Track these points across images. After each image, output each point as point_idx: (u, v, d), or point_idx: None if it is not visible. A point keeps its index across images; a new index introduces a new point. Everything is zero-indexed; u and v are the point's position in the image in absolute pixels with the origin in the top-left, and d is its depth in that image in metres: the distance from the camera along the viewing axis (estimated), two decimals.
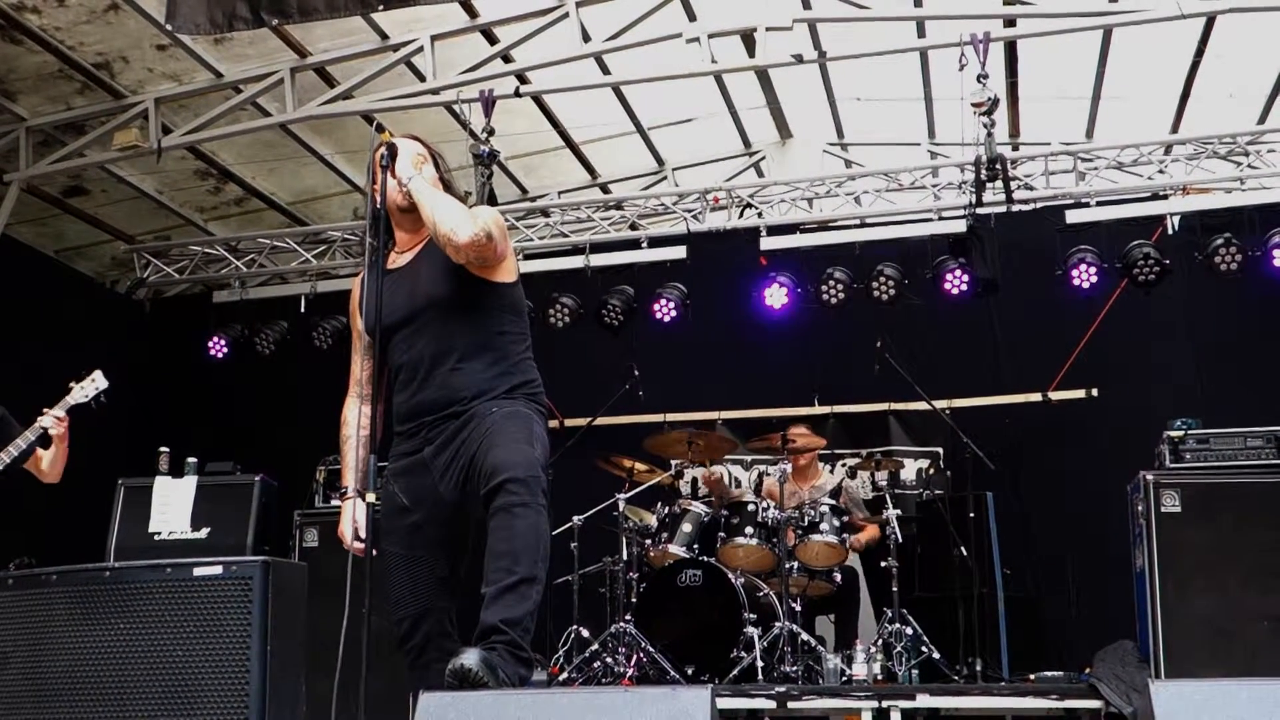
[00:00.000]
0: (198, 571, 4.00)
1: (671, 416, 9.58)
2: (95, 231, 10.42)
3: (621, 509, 7.71)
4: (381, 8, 7.26)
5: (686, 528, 7.64)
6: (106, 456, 6.36)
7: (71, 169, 9.00)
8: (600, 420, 8.64)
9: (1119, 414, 8.99)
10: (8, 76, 8.22)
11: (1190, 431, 6.68)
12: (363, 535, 3.73)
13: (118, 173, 9.47)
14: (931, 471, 9.51)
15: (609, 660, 7.14)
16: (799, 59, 7.60)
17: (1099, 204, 9.20)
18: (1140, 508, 6.59)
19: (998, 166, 7.37)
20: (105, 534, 6.32)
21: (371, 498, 3.64)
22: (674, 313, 9.65)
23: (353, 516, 3.85)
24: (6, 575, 4.34)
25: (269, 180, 10.08)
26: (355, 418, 4.06)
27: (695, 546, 7.55)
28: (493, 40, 8.13)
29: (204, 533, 5.42)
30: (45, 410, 5.34)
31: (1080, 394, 9.42)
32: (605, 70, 8.43)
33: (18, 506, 5.71)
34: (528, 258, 10.10)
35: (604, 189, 10.62)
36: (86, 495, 5.85)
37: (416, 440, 3.91)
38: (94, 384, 5.40)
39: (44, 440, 5.38)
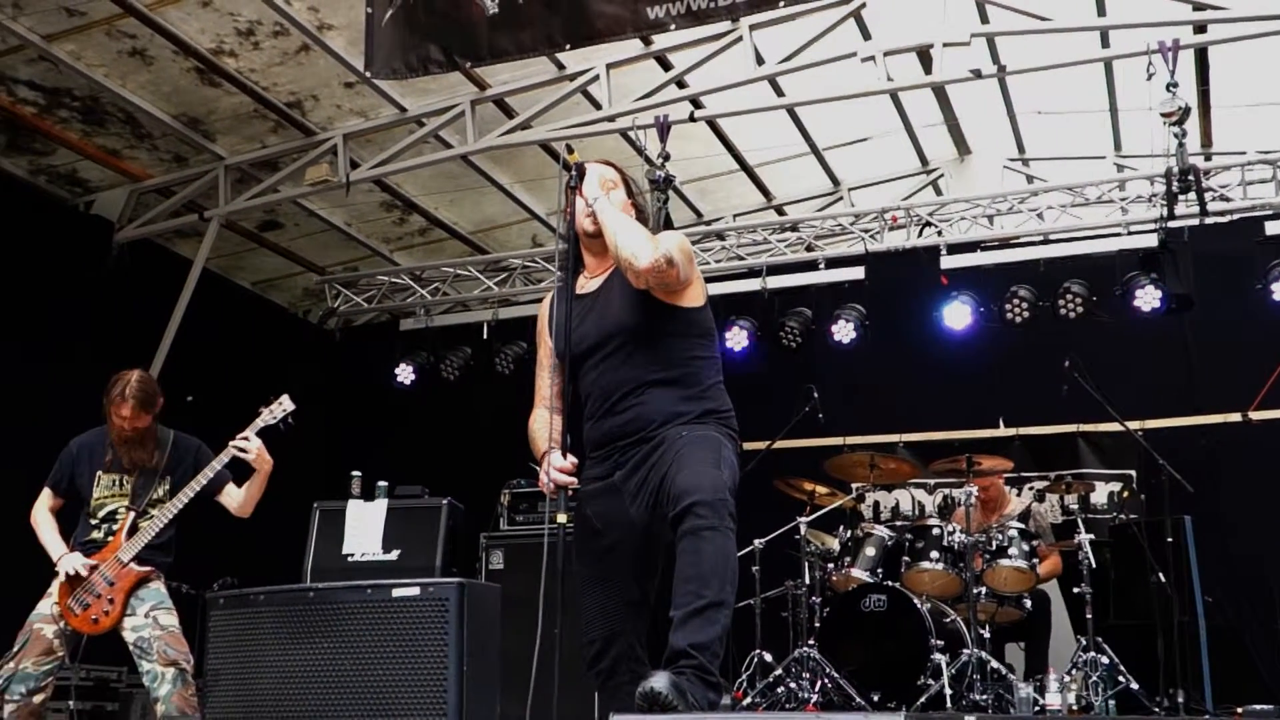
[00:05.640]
0: (396, 593, 4.11)
1: (851, 439, 9.48)
2: (289, 264, 10.85)
3: (803, 533, 7.64)
4: (568, 46, 7.41)
5: (869, 552, 7.53)
6: (299, 480, 6.60)
7: (266, 204, 9.38)
8: (779, 443, 8.57)
9: None
10: (207, 118, 8.63)
11: None
12: (558, 481, 3.77)
13: (309, 206, 9.84)
14: (1125, 495, 9.18)
15: (792, 685, 7.07)
16: (977, 74, 7.49)
17: None
18: None
19: (1190, 178, 7.11)
20: (298, 554, 6.54)
21: (562, 518, 3.66)
22: (853, 334, 9.58)
23: (548, 466, 3.85)
24: (218, 595, 4.51)
25: (451, 210, 10.35)
26: (545, 420, 4.06)
27: (879, 571, 7.44)
28: (667, 66, 8.21)
29: (394, 554, 5.53)
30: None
31: None
32: (779, 92, 8.44)
33: (218, 528, 5.93)
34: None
35: (779, 211, 10.61)
36: (282, 516, 6.06)
37: (608, 465, 3.91)
38: (281, 407, 5.50)
39: (234, 473, 5.53)
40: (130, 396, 5.38)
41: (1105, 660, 6.94)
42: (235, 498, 5.58)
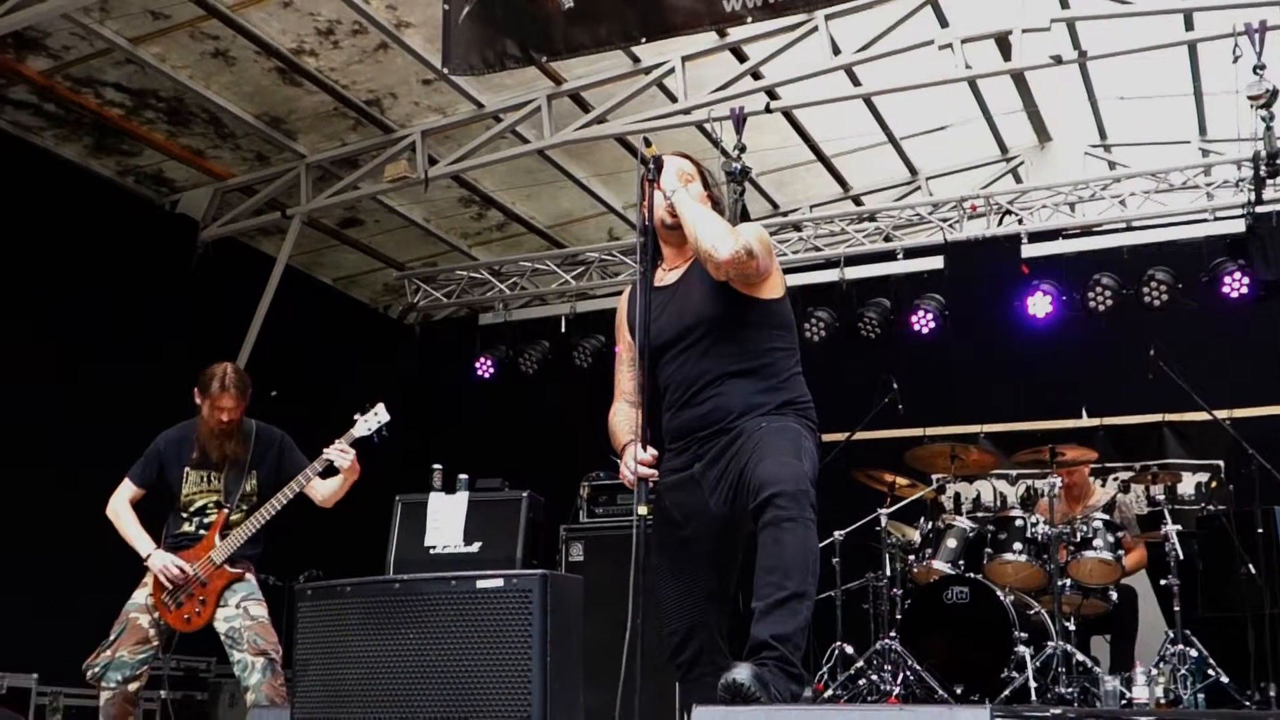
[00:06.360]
0: (480, 584, 4.14)
1: (931, 430, 9.40)
2: (369, 260, 10.98)
3: (883, 524, 7.60)
4: (644, 40, 7.40)
5: (951, 543, 7.47)
6: (380, 473, 6.70)
7: (347, 201, 9.50)
8: (859, 435, 8.52)
9: None
10: (288, 117, 8.76)
11: None
12: (639, 474, 3.76)
13: (388, 203, 9.95)
14: (1213, 485, 9.01)
15: (874, 678, 7.04)
16: (1058, 60, 7.39)
17: None
18: None
19: (1278, 161, 6.96)
20: (380, 547, 6.64)
21: (644, 510, 3.66)
22: (932, 324, 9.51)
23: (629, 459, 3.85)
24: (305, 587, 4.58)
25: (528, 205, 10.42)
26: (625, 413, 4.07)
27: (961, 563, 7.37)
28: (742, 58, 8.19)
29: (475, 547, 5.57)
30: (334, 441, 5.56)
31: None
32: (856, 81, 8.38)
33: (303, 522, 6.03)
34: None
35: (856, 201, 10.54)
36: (364, 509, 6.14)
37: (687, 456, 3.92)
38: (376, 417, 5.59)
39: (327, 470, 5.63)
40: (231, 386, 5.51)
41: (1194, 653, 6.83)
42: (320, 490, 5.70)
